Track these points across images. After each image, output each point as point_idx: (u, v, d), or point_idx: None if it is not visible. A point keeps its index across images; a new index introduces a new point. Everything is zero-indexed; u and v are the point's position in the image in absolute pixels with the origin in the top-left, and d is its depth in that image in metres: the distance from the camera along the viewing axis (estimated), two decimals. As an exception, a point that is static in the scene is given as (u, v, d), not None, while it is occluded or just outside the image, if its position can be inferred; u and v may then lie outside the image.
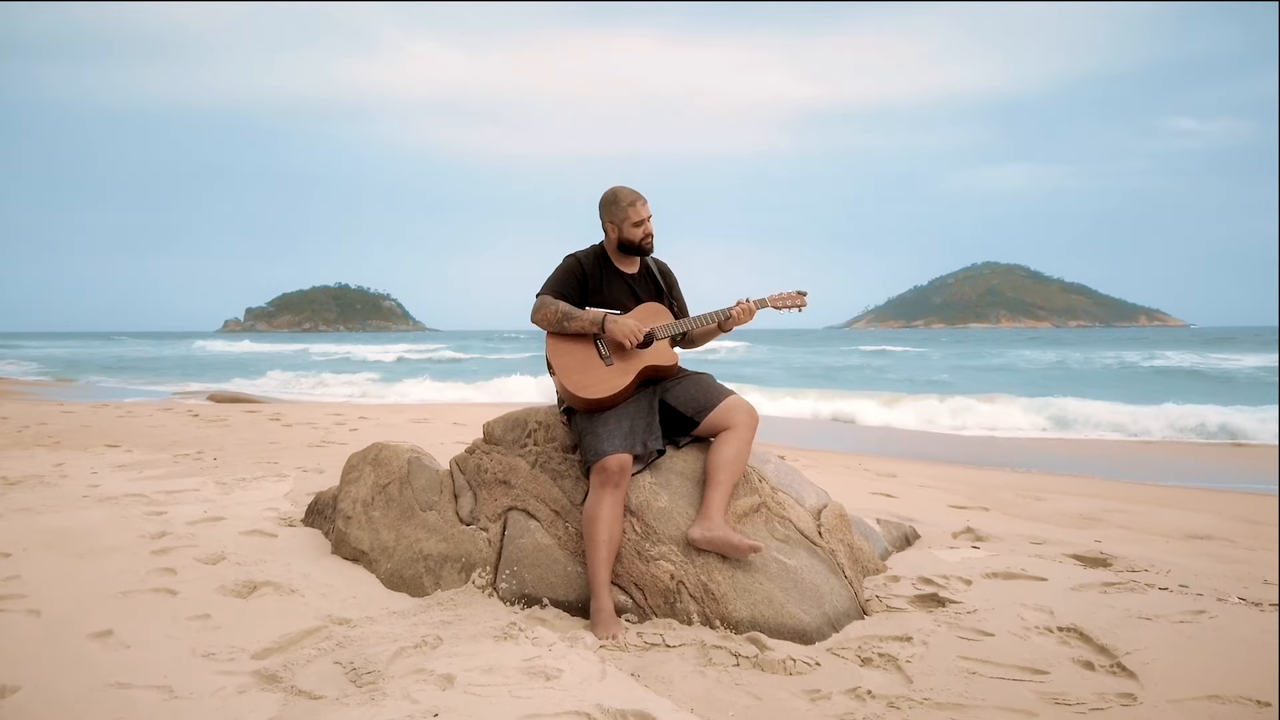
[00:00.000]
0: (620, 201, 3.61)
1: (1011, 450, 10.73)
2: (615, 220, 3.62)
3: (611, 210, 3.63)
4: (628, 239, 3.62)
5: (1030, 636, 3.11)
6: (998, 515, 5.69)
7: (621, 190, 3.63)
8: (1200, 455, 10.43)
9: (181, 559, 4.04)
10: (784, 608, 3.17)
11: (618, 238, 3.63)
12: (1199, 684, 2.67)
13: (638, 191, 3.65)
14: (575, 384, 3.43)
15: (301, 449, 8.18)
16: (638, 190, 3.65)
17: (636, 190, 3.65)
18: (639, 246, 3.63)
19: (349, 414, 11.52)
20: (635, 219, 3.59)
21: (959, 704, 2.57)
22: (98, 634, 3.07)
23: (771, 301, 3.67)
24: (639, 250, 3.64)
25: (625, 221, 3.60)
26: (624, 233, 3.61)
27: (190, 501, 5.42)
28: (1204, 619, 3.26)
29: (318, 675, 2.76)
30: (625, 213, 3.60)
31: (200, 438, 8.89)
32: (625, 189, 3.64)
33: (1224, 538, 5.09)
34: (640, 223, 3.60)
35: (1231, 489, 7.73)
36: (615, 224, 3.62)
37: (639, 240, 3.62)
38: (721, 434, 3.51)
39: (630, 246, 3.63)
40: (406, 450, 4.39)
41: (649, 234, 3.63)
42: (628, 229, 3.60)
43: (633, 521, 3.41)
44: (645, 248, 3.65)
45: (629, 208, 3.60)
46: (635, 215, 3.59)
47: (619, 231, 3.62)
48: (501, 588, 3.47)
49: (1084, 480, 7.91)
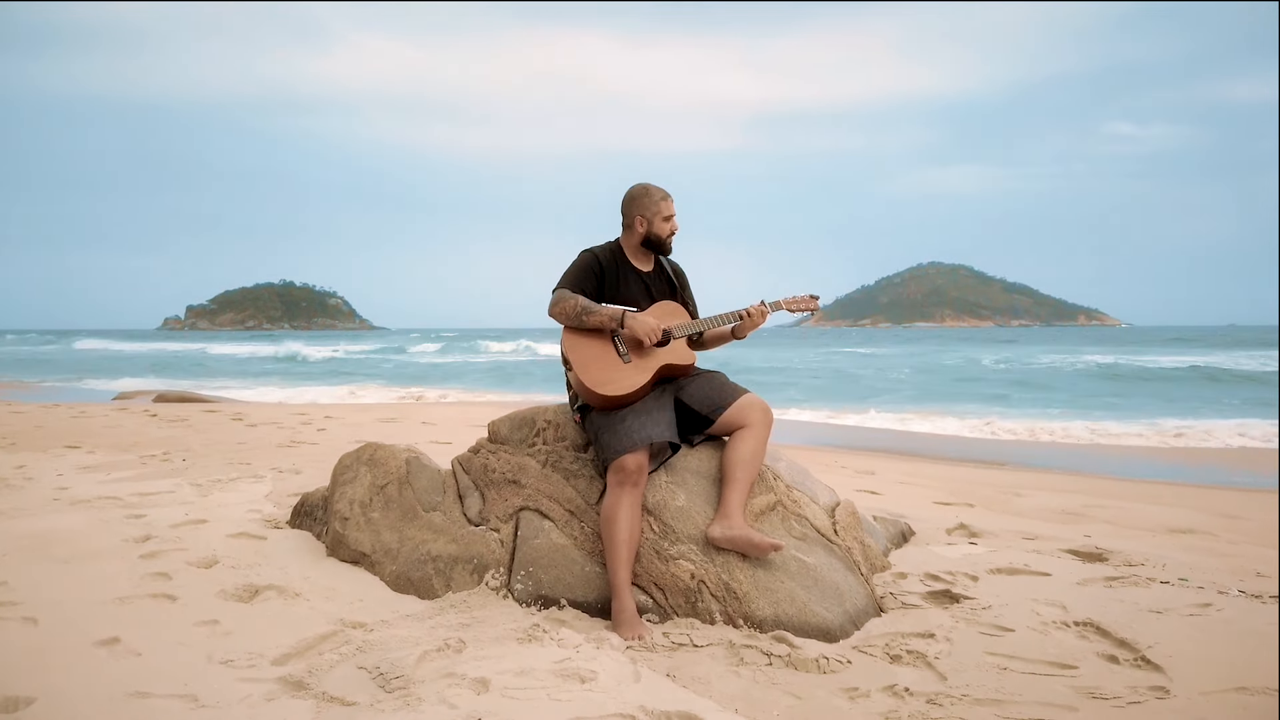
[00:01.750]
0: (653, 195, 3.62)
1: (975, 447, 10.90)
2: (647, 214, 3.62)
3: (643, 203, 3.63)
4: (657, 234, 3.62)
5: (1050, 631, 3.14)
6: (983, 511, 5.76)
7: (652, 186, 3.65)
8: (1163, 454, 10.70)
9: (173, 563, 3.92)
10: (807, 606, 3.17)
11: (646, 232, 3.63)
12: (1224, 677, 2.72)
13: (663, 188, 3.67)
14: (594, 380, 3.39)
15: (271, 449, 8.00)
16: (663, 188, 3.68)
17: (662, 187, 3.67)
18: (664, 243, 3.64)
19: (314, 414, 11.30)
20: (666, 213, 3.62)
21: (997, 699, 2.59)
22: (104, 641, 2.95)
23: (786, 304, 3.68)
24: (663, 247, 3.65)
25: (657, 216, 3.61)
26: (654, 227, 3.62)
27: (168, 504, 5.27)
28: (1212, 612, 3.33)
29: (344, 680, 2.68)
30: (658, 207, 3.61)
31: (164, 438, 8.65)
32: (655, 185, 3.66)
33: (1205, 531, 5.21)
34: (669, 218, 3.62)
35: (1202, 484, 7.94)
36: (646, 218, 3.63)
37: (666, 236, 3.63)
38: (738, 432, 3.49)
39: (657, 242, 3.63)
40: (403, 450, 4.31)
41: (675, 231, 3.65)
42: (659, 223, 3.61)
43: (650, 521, 3.38)
44: (668, 245, 3.66)
45: (661, 202, 3.61)
46: (667, 210, 3.62)
47: (649, 225, 3.62)
48: (517, 589, 3.41)
49: (1058, 476, 8.07)
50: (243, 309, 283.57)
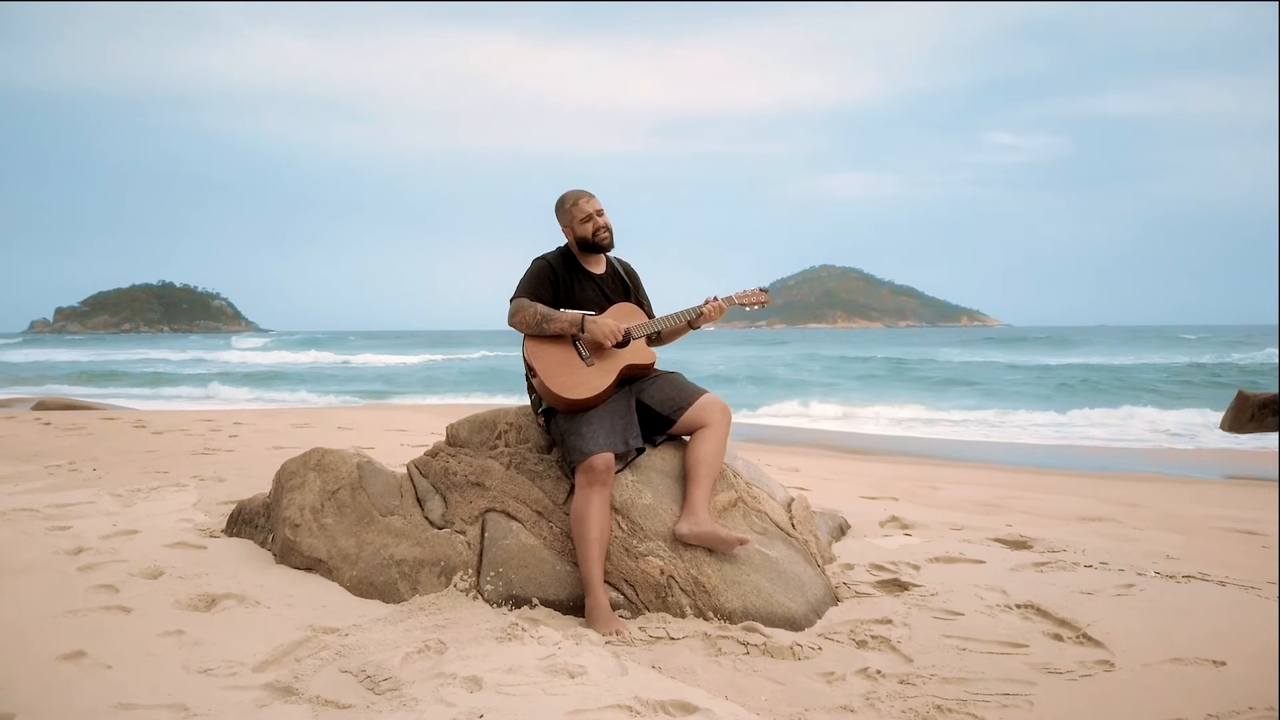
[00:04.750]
0: (565, 202, 3.74)
1: (890, 443, 11.32)
2: (566, 221, 3.75)
3: (560, 213, 3.76)
4: (581, 235, 3.71)
5: (996, 614, 3.36)
6: (907, 504, 6.03)
7: (567, 192, 3.76)
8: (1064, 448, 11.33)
9: (115, 575, 3.80)
10: (773, 597, 3.30)
11: (574, 237, 3.73)
12: (1159, 650, 2.97)
13: (582, 189, 3.77)
14: (559, 385, 3.45)
15: (186, 457, 7.74)
16: (583, 189, 3.78)
17: (581, 189, 3.77)
18: (594, 241, 3.72)
19: (221, 420, 10.93)
20: (581, 215, 3.70)
21: (963, 678, 2.77)
22: (68, 655, 2.87)
23: (738, 298, 3.81)
24: (597, 245, 3.72)
25: (575, 220, 3.71)
26: (577, 230, 3.71)
27: (90, 515, 5.08)
28: (1135, 592, 3.61)
29: (332, 684, 2.68)
30: (571, 212, 3.71)
31: (66, 448, 8.27)
32: (571, 190, 3.77)
33: (1111, 519, 5.58)
34: (588, 216, 3.70)
35: (1102, 474, 8.47)
36: (568, 225, 3.74)
37: (592, 234, 3.71)
38: (699, 431, 3.61)
39: (586, 242, 3.72)
40: (353, 455, 4.28)
41: (601, 226, 3.72)
42: (579, 225, 3.71)
43: (619, 519, 3.47)
44: (601, 241, 3.73)
45: (575, 206, 3.71)
46: (582, 211, 3.70)
47: (573, 230, 3.72)
48: (487, 590, 3.45)
49: (969, 469, 8.48)
50: (118, 311, 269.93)
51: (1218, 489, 7.73)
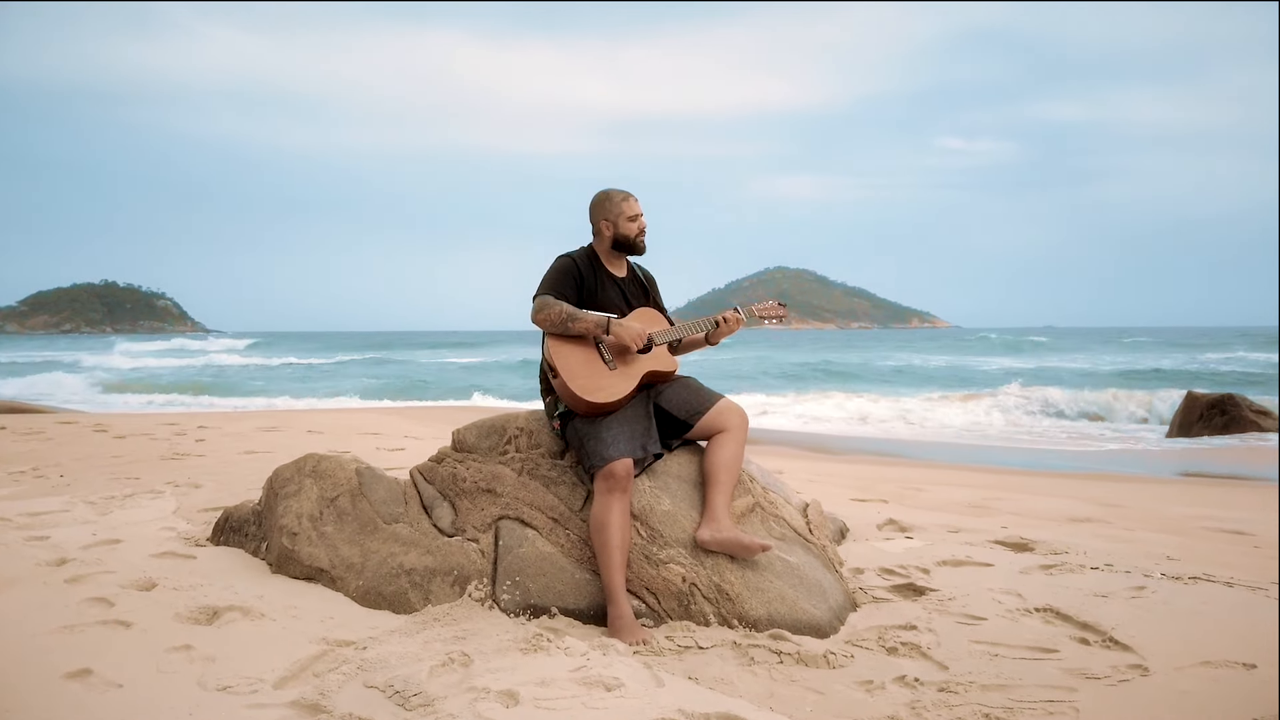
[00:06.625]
0: (614, 198, 3.65)
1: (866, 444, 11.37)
2: (610, 217, 3.64)
3: (605, 208, 3.65)
4: (624, 234, 3.63)
5: (1018, 618, 3.35)
6: (897, 506, 6.03)
7: (613, 190, 3.68)
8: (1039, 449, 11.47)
9: (106, 587, 3.65)
10: (797, 604, 3.26)
11: (613, 235, 3.65)
12: (1187, 653, 2.98)
13: (625, 189, 3.69)
14: (582, 388, 3.37)
15: (155, 463, 7.50)
16: (624, 189, 3.71)
17: (623, 189, 3.69)
18: (634, 243, 3.65)
19: (184, 424, 10.64)
20: (630, 213, 3.63)
21: (1001, 685, 2.75)
22: (74, 674, 2.73)
23: (758, 310, 3.78)
24: (634, 247, 3.66)
25: (621, 217, 3.63)
26: (620, 229, 3.63)
27: (67, 524, 4.88)
28: (1148, 594, 3.63)
29: (359, 701, 2.58)
30: (620, 208, 3.63)
31: (26, 453, 7.97)
32: (615, 188, 3.68)
33: (1099, 520, 5.64)
34: (635, 217, 3.64)
35: (1071, 473, 8.58)
36: (611, 221, 3.64)
37: (634, 235, 3.64)
38: (717, 436, 3.56)
39: (626, 243, 3.65)
40: (351, 460, 4.17)
41: (643, 229, 3.67)
42: (624, 224, 3.63)
43: (638, 526, 3.40)
44: (639, 244, 3.67)
45: (623, 203, 3.64)
46: (630, 210, 3.63)
47: (615, 229, 3.64)
48: (503, 599, 3.36)
49: (951, 470, 8.53)
50: (59, 310, 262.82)
51: (1193, 488, 7.86)
